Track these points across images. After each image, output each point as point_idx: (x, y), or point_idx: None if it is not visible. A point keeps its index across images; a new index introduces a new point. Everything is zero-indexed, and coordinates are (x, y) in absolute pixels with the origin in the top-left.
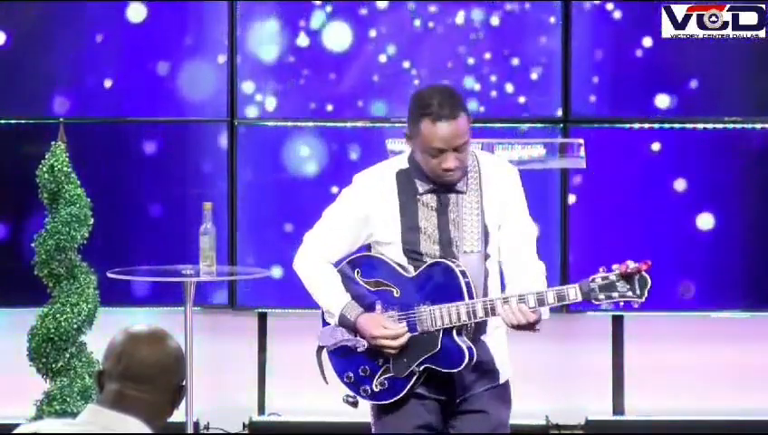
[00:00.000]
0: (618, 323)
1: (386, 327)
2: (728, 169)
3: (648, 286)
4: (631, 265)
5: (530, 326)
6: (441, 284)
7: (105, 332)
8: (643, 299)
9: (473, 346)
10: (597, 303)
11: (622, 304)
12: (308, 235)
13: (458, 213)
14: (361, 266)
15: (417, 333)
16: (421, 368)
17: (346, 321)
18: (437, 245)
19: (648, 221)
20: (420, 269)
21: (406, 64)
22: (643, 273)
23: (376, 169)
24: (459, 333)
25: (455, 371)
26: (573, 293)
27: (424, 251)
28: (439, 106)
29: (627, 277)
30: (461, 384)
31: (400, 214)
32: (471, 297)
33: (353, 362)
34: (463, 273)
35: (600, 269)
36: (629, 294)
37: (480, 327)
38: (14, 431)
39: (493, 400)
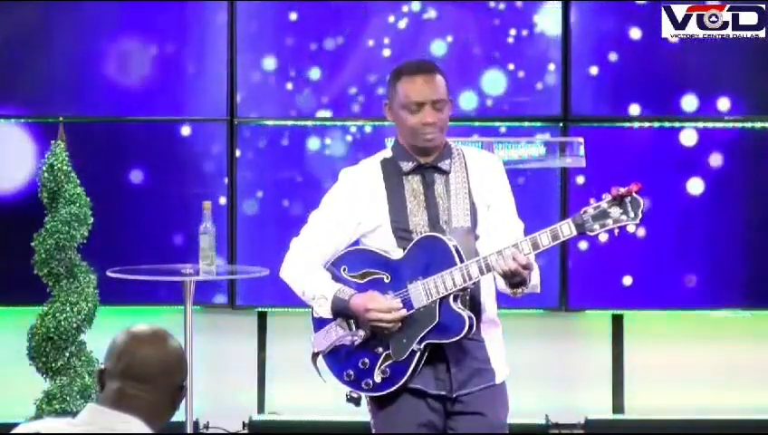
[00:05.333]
0: (617, 322)
1: (379, 300)
2: (728, 168)
3: (642, 207)
4: (621, 188)
5: (521, 277)
6: (431, 256)
7: (105, 331)
8: (638, 220)
9: (472, 314)
10: (592, 234)
11: (617, 232)
12: (294, 240)
13: (445, 190)
14: (346, 262)
15: (413, 311)
16: (422, 345)
17: (340, 303)
18: (426, 221)
19: (648, 220)
20: (408, 248)
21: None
22: (634, 194)
23: (360, 163)
24: (455, 301)
25: (456, 339)
26: (567, 228)
27: (413, 228)
28: (416, 65)
29: (618, 201)
30: (458, 377)
31: (387, 195)
32: (462, 261)
33: (351, 359)
34: (454, 244)
35: (591, 200)
36: (623, 218)
37: (474, 308)
38: (14, 431)
39: (490, 401)
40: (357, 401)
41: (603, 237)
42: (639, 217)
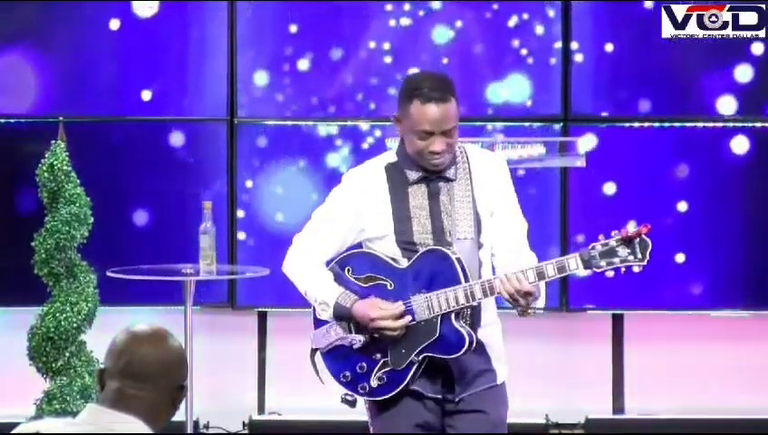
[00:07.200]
0: (618, 322)
1: (382, 308)
2: (727, 168)
3: (650, 249)
4: (631, 228)
5: (525, 301)
6: (436, 271)
7: (105, 331)
8: (645, 262)
9: (472, 332)
10: (598, 271)
11: (624, 270)
12: (297, 237)
13: (450, 200)
14: (351, 264)
15: (414, 323)
16: (420, 357)
17: (342, 310)
18: (430, 233)
19: (649, 220)
20: (413, 259)
21: (403, 62)
22: (643, 236)
23: (364, 165)
24: (457, 318)
25: (455, 356)
26: (574, 262)
27: (417, 240)
28: (429, 88)
29: (627, 242)
30: (459, 382)
31: (391, 205)
32: (467, 280)
33: (349, 361)
34: (457, 258)
35: (600, 237)
36: (631, 258)
37: (474, 320)
38: (14, 431)
39: (491, 400)
40: (352, 404)
41: (610, 274)
42: (647, 260)
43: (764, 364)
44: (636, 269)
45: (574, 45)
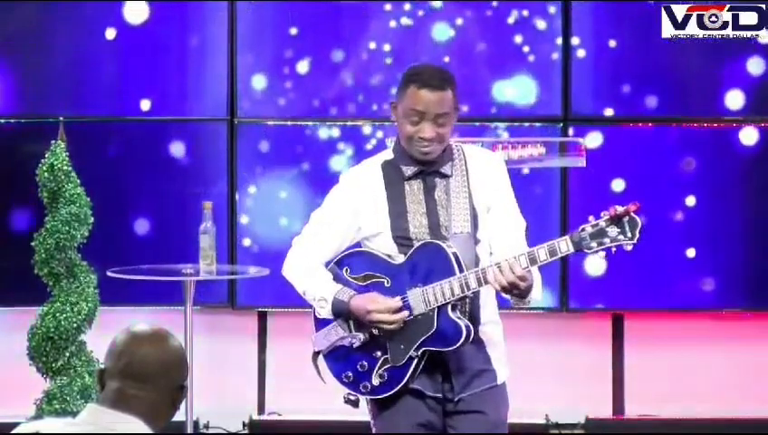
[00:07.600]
0: (618, 322)
1: (379, 301)
2: (728, 168)
3: (639, 227)
4: (619, 208)
5: (519, 289)
6: (431, 264)
7: (105, 331)
8: (635, 241)
9: (469, 323)
10: (589, 251)
11: (615, 250)
12: (296, 239)
13: (446, 195)
14: (349, 264)
15: (411, 317)
16: (419, 352)
17: (340, 305)
18: (426, 228)
19: (649, 220)
20: (409, 254)
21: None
22: (632, 214)
23: (361, 164)
24: (454, 310)
25: (453, 348)
26: (565, 245)
27: (413, 235)
28: (428, 76)
29: (616, 221)
30: (458, 382)
31: (387, 201)
32: (462, 271)
33: (351, 361)
34: (453, 252)
35: (590, 218)
36: (621, 237)
37: (473, 315)
38: (15, 431)
39: (491, 400)
40: (355, 403)
41: (601, 255)
42: (637, 238)
43: (765, 364)
44: (627, 248)
45: (575, 41)
